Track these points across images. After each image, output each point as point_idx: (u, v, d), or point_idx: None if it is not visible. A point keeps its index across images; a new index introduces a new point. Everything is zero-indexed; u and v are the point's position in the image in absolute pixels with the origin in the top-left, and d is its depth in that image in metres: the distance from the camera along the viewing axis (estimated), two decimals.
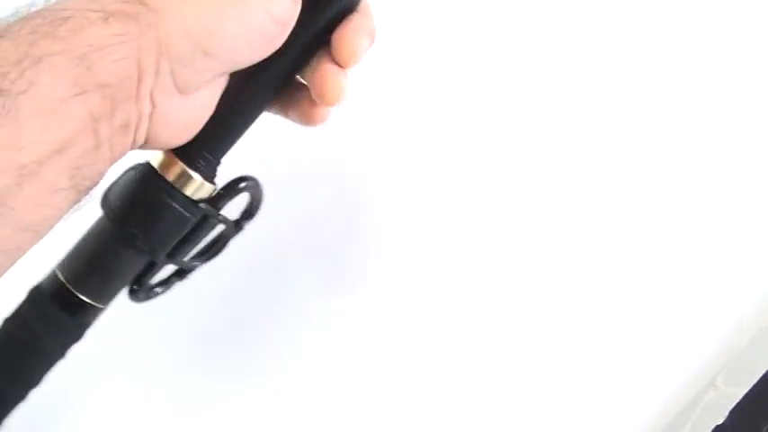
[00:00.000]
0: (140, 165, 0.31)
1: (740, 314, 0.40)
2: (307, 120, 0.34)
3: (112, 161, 0.27)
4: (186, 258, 0.33)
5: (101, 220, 0.31)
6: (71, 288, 0.30)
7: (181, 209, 0.31)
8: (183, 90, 0.28)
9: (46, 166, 0.24)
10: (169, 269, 0.34)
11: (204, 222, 0.32)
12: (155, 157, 0.31)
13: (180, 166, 0.30)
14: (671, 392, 0.40)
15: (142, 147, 0.28)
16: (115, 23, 0.25)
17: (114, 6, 0.25)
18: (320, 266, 0.42)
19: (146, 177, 0.30)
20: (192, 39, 0.27)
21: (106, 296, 0.31)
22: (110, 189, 0.31)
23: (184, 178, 0.30)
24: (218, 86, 0.30)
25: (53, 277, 0.30)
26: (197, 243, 0.33)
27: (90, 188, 0.26)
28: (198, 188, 0.31)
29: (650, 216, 0.41)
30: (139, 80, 0.26)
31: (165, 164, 0.30)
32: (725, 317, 0.40)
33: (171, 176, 0.30)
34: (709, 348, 0.40)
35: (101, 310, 0.31)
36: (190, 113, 0.29)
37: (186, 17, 0.27)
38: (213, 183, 0.32)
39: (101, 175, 0.26)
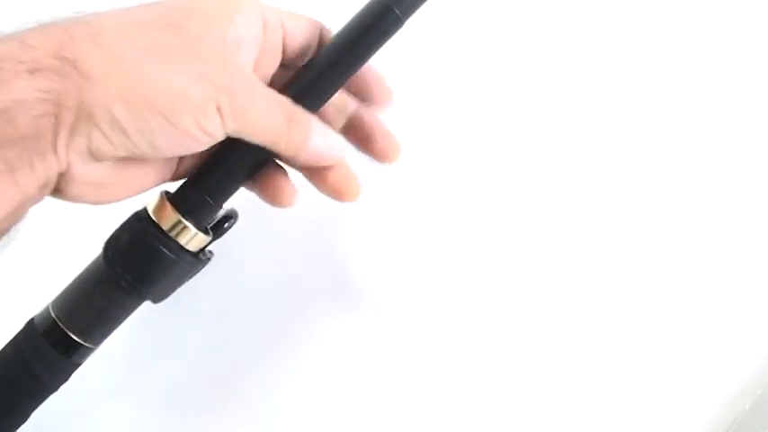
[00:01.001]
0: (138, 212, 0.32)
1: (743, 378, 0.39)
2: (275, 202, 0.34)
3: (31, 205, 0.27)
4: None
5: (96, 261, 0.32)
6: (62, 326, 0.31)
7: (174, 257, 0.31)
8: (95, 156, 0.28)
9: None
10: None
11: (196, 267, 0.33)
12: (152, 203, 0.32)
13: (175, 215, 0.31)
14: None
15: (53, 196, 0.29)
16: (41, 79, 0.25)
17: (45, 61, 0.25)
18: (322, 279, 0.42)
19: (141, 225, 0.31)
20: (114, 116, 0.27)
21: (97, 337, 0.33)
22: (112, 234, 0.32)
23: (179, 228, 0.31)
24: (139, 168, 0.30)
25: (46, 314, 0.32)
26: (185, 282, 0.34)
27: (9, 229, 0.27)
28: (192, 238, 0.32)
29: (655, 272, 0.40)
30: (55, 135, 0.26)
31: (161, 212, 0.31)
32: (728, 380, 0.39)
33: (166, 225, 0.31)
34: (712, 412, 0.39)
35: (91, 350, 0.33)
36: (100, 178, 0.29)
37: (115, 96, 0.26)
38: (208, 232, 0.33)
39: (21, 217, 0.27)
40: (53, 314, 0.32)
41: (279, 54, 0.33)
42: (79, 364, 0.33)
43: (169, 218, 0.31)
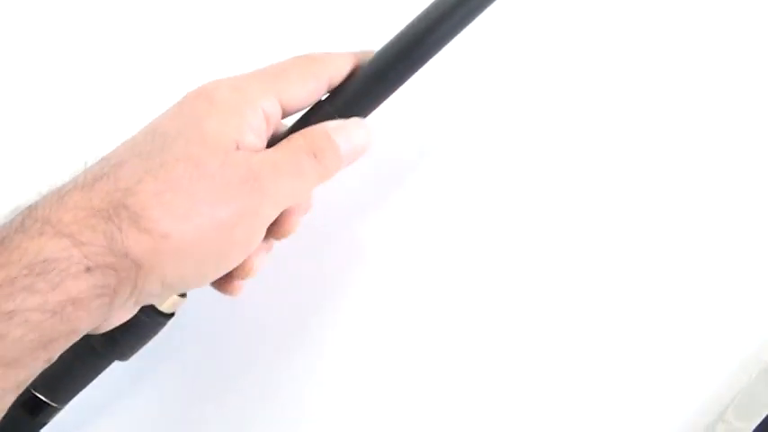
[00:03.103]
0: None
1: (749, 348, 0.38)
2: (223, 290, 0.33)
3: None
4: None
5: None
6: (30, 388, 0.30)
7: (148, 320, 0.31)
8: (139, 305, 0.28)
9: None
10: None
11: (164, 324, 0.32)
12: None
13: None
14: (680, 427, 0.38)
15: None
16: (98, 275, 0.24)
17: (99, 258, 0.24)
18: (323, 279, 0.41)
19: None
20: (167, 286, 0.27)
21: (65, 397, 0.32)
22: None
23: None
24: None
25: None
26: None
27: None
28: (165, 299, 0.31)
29: (657, 250, 0.39)
30: (107, 315, 0.26)
31: None
32: (734, 350, 0.38)
33: None
34: (718, 382, 0.38)
35: (58, 409, 0.32)
36: (129, 314, 0.29)
37: (168, 271, 0.26)
38: (184, 295, 0.32)
39: None
40: None
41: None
42: (45, 424, 0.32)
43: None
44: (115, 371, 0.33)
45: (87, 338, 0.29)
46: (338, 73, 0.32)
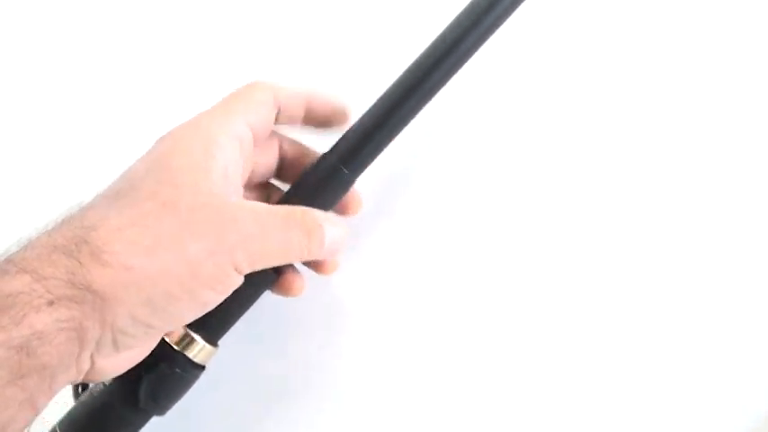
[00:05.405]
0: None
1: (761, 397, 0.38)
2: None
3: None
4: None
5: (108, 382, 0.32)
6: None
7: (185, 375, 0.32)
8: (120, 349, 0.28)
9: None
10: None
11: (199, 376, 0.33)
12: None
13: (183, 328, 0.32)
14: None
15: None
16: (60, 309, 0.25)
17: (60, 291, 0.25)
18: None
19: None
20: (138, 319, 0.27)
21: None
22: None
23: (187, 341, 0.32)
24: (154, 339, 0.30)
25: None
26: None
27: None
28: (200, 350, 0.32)
29: (679, 284, 0.39)
30: (80, 353, 0.26)
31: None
32: (745, 400, 0.38)
33: (173, 338, 0.32)
34: (739, 422, 0.38)
35: None
36: (125, 361, 0.29)
37: (135, 303, 0.26)
38: (215, 345, 0.33)
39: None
40: None
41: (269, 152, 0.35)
42: None
43: (177, 331, 0.32)
44: None
45: (132, 396, 0.31)
46: (286, 97, 0.33)
